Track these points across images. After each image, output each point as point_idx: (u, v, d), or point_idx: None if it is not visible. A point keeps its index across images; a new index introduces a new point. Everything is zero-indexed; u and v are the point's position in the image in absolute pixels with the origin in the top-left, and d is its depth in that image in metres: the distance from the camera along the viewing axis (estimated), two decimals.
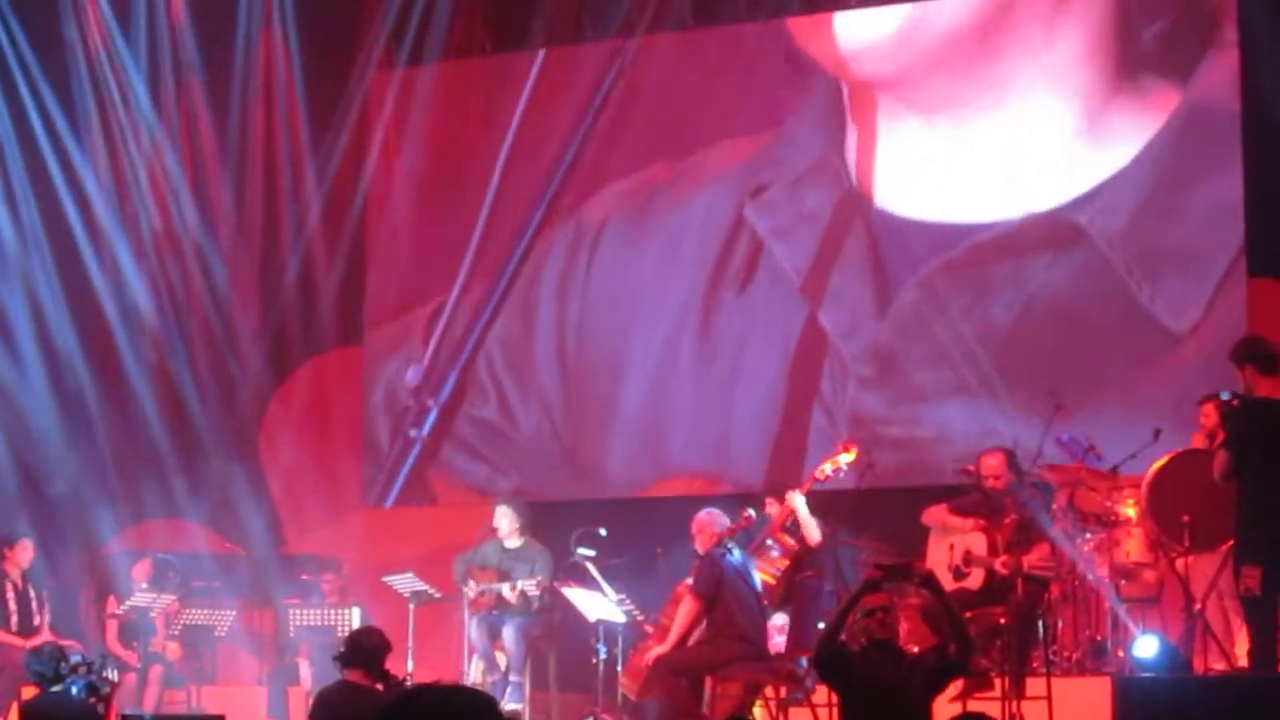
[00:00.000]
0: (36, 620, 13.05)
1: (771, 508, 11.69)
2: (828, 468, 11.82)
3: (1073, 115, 13.61)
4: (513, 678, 12.27)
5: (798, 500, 11.55)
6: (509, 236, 15.26)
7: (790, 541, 11.60)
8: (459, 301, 15.36)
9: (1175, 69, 13.40)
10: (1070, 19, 13.68)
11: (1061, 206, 13.57)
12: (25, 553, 13.13)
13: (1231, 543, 10.17)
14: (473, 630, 12.52)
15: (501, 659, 12.50)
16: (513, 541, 12.66)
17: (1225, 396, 10.17)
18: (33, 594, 13.03)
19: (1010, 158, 13.77)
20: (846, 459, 11.90)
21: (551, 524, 13.10)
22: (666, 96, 14.89)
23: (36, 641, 12.71)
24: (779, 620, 11.50)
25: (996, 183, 13.79)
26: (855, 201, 14.21)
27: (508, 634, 12.35)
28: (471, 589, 12.51)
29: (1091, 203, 13.48)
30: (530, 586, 12.37)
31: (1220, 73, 13.23)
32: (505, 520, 12.69)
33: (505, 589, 12.44)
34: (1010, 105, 13.81)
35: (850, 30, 14.24)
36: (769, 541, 11.61)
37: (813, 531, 11.49)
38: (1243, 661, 10.19)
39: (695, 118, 14.80)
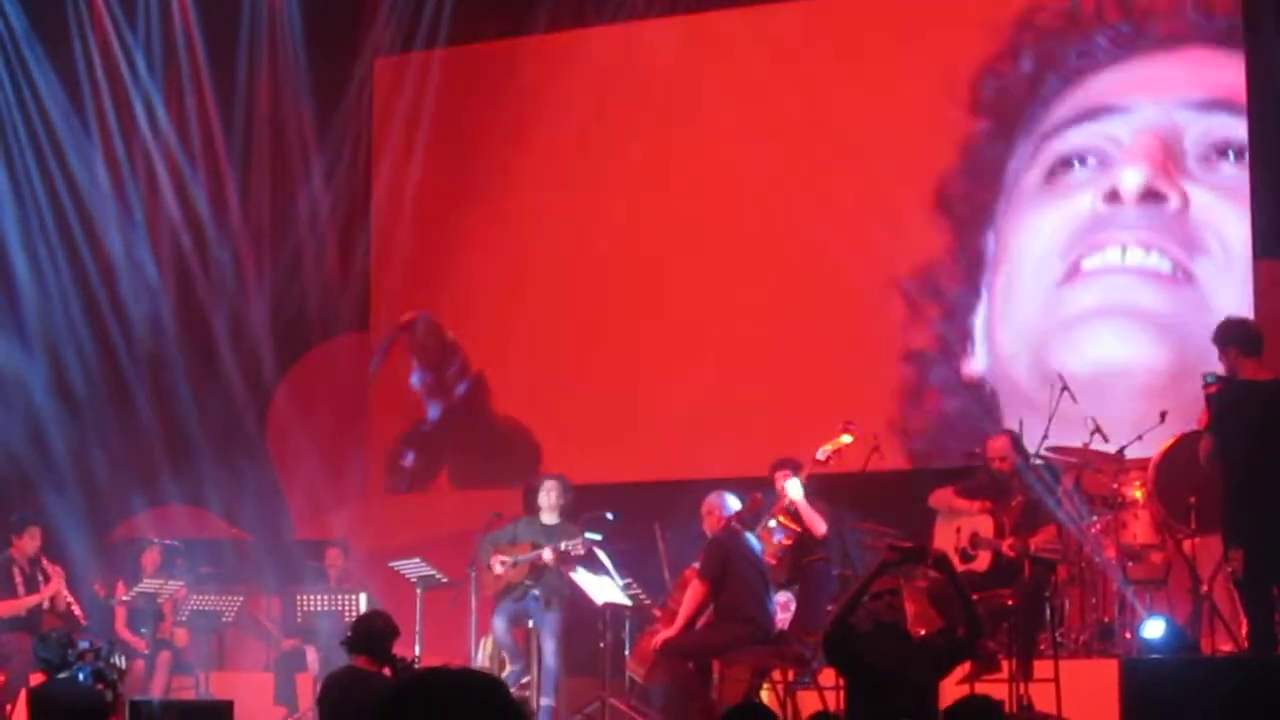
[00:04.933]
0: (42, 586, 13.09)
1: (782, 479, 11.65)
2: (828, 448, 11.80)
3: None
4: (544, 700, 12.14)
5: (795, 491, 11.52)
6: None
7: (793, 524, 11.60)
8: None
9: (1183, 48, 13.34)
10: None
11: None
12: (33, 541, 13.19)
13: None
14: (497, 626, 12.42)
15: (500, 640, 12.47)
16: (550, 518, 12.55)
17: (1210, 380, 10.13)
18: (40, 577, 13.06)
19: None
20: (846, 440, 11.89)
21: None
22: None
23: (45, 594, 12.80)
24: (781, 598, 11.50)
25: None
26: None
27: (548, 649, 12.25)
28: (499, 565, 12.41)
29: None
30: (575, 546, 12.27)
31: (1227, 54, 13.22)
32: (554, 494, 12.57)
33: (545, 552, 12.30)
34: None
35: None
36: (772, 523, 11.60)
37: (816, 524, 11.48)
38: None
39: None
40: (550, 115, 15.18)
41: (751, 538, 11.28)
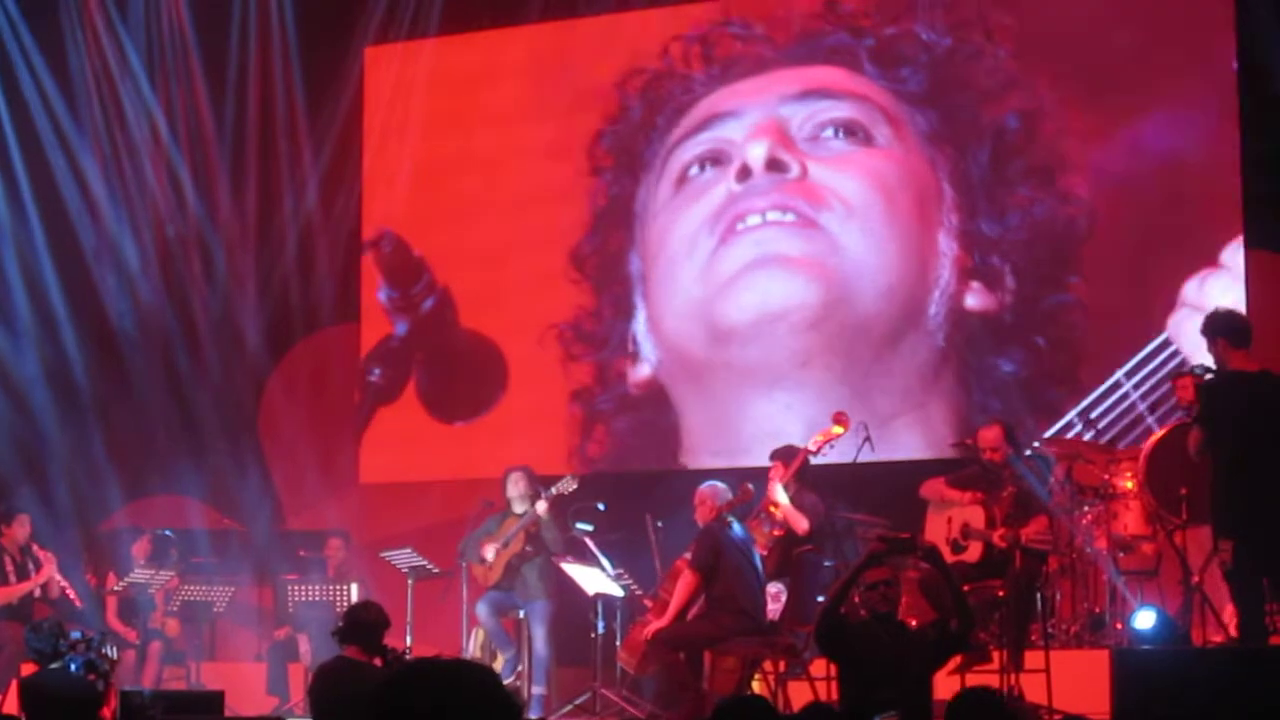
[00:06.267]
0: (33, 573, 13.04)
1: (776, 473, 11.66)
2: (819, 439, 11.81)
3: None
4: (536, 689, 12.13)
5: (779, 494, 11.53)
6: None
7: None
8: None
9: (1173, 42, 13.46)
10: None
11: None
12: (22, 529, 13.13)
13: None
14: (481, 612, 12.41)
15: (487, 627, 12.46)
16: (521, 506, 12.52)
17: (1198, 371, 10.13)
18: (31, 565, 13.02)
19: None
20: (838, 431, 11.89)
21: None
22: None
23: (37, 580, 12.77)
24: (772, 589, 11.51)
25: None
26: None
27: (538, 636, 12.25)
28: (490, 550, 12.37)
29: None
30: (566, 486, 12.26)
31: (1219, 43, 13.25)
32: (521, 484, 12.54)
33: (539, 505, 12.25)
34: None
35: None
36: (763, 514, 11.60)
37: (799, 523, 11.48)
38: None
39: None
40: (540, 104, 15.20)
41: (740, 527, 11.27)
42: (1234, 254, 13.04)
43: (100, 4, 15.44)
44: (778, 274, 14.42)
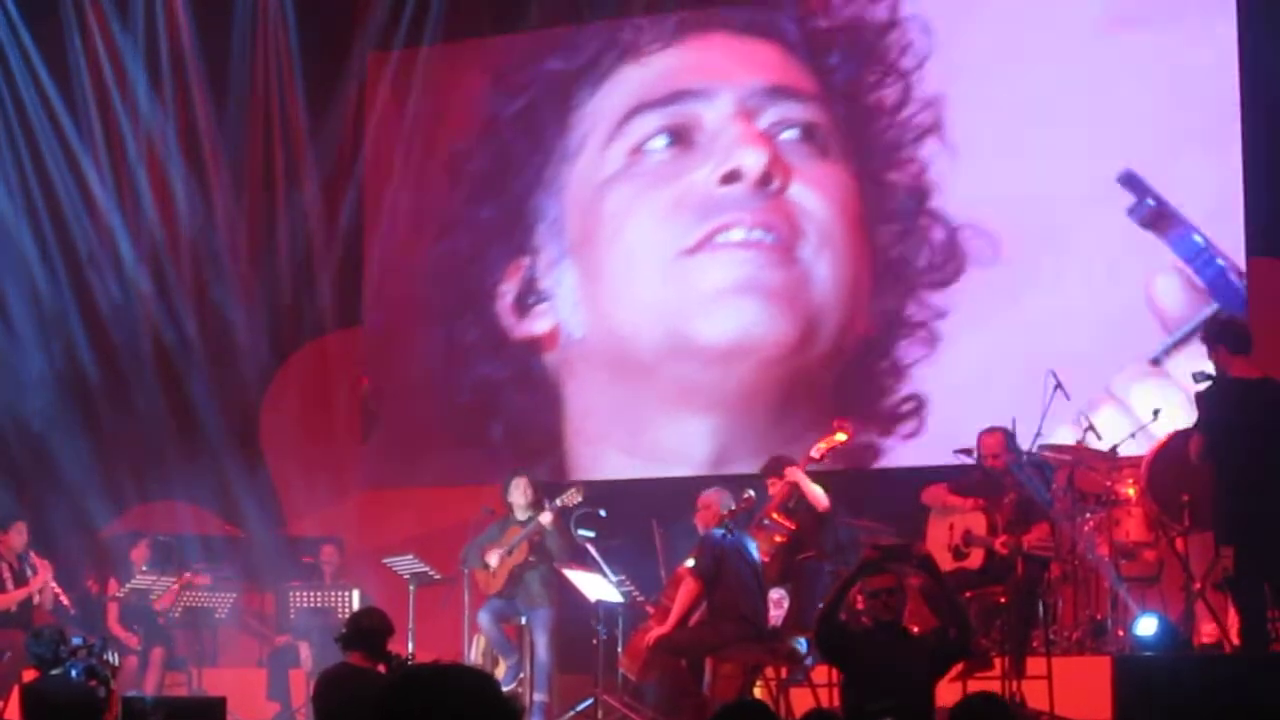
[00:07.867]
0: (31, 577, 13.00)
1: (774, 479, 11.68)
2: (822, 446, 11.82)
3: None
4: (537, 696, 12.12)
5: (798, 472, 11.56)
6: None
7: (787, 522, 11.60)
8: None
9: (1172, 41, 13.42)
10: None
11: None
12: (19, 536, 13.10)
13: None
14: (483, 621, 12.39)
15: (489, 635, 12.46)
16: (524, 513, 12.48)
17: (1199, 378, 10.12)
18: (29, 572, 13.01)
19: None
20: (840, 438, 11.90)
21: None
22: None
23: (33, 587, 12.75)
24: (774, 594, 11.52)
25: None
26: None
27: (540, 643, 12.23)
28: (494, 556, 12.32)
29: None
30: (570, 496, 12.21)
31: (1218, 47, 13.23)
32: (530, 491, 12.49)
33: (544, 515, 12.16)
34: None
35: None
36: (765, 521, 11.60)
37: (819, 497, 11.48)
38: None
39: None
40: (540, 111, 15.20)
41: (742, 534, 11.27)
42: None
43: (100, 8, 15.42)
44: (760, 304, 14.17)
